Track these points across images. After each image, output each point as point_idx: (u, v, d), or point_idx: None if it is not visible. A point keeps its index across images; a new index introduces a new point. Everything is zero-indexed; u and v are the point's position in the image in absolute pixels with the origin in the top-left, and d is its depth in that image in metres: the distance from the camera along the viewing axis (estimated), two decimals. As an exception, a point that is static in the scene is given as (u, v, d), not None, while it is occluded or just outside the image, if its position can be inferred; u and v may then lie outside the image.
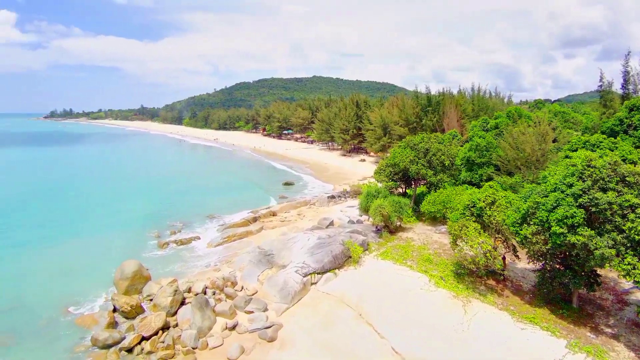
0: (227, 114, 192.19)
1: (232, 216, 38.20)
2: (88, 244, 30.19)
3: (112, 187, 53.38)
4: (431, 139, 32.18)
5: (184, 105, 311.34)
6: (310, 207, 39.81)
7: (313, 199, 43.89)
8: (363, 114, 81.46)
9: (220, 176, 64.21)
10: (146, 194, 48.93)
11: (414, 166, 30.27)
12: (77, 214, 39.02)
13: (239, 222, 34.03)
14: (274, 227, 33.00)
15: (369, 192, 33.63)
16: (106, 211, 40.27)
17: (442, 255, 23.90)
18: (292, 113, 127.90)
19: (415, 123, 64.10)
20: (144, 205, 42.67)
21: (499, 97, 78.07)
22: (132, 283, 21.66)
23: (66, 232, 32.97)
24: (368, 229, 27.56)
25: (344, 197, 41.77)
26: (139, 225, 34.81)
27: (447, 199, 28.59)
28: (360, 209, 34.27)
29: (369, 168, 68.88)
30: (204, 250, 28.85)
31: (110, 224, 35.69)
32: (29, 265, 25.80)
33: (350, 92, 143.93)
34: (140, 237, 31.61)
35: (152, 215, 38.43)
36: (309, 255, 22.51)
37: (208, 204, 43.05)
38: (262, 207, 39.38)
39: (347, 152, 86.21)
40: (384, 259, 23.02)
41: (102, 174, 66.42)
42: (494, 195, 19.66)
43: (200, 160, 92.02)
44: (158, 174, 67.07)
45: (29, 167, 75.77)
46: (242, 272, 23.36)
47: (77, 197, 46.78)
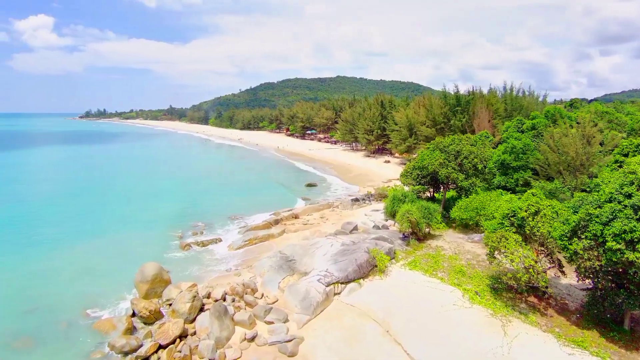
0: (251, 114, 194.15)
1: (254, 217, 37.67)
2: (112, 243, 30.35)
3: (139, 185, 54.37)
4: (462, 141, 30.26)
5: (210, 105, 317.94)
6: (334, 210, 38.65)
7: (336, 202, 42.70)
8: (388, 114, 79.45)
9: (244, 176, 64.28)
10: (171, 193, 49.41)
11: (444, 169, 28.50)
12: (105, 211, 39.68)
13: (260, 224, 33.36)
14: (296, 230, 32.09)
15: (395, 196, 32.10)
16: (132, 209, 40.76)
17: (476, 266, 22.14)
18: (316, 113, 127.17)
19: (443, 124, 61.61)
20: (169, 204, 42.93)
21: (533, 96, 73.98)
22: (152, 286, 21.27)
23: (92, 229, 33.42)
24: (394, 236, 26.10)
25: (368, 200, 40.35)
26: (163, 225, 34.83)
27: (480, 206, 26.68)
28: (386, 214, 32.78)
29: (394, 170, 66.95)
30: (225, 253, 28.30)
31: (135, 222, 35.95)
32: (54, 263, 26.08)
33: (374, 92, 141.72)
34: (163, 237, 31.52)
35: (176, 214, 38.49)
36: (332, 263, 21.37)
37: (230, 204, 42.84)
38: (285, 209, 38.59)
39: (371, 153, 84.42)
40: (413, 269, 21.53)
41: (130, 172, 68.03)
42: (537, 205, 17.80)
43: (225, 160, 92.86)
44: (184, 172, 67.99)
45: (61, 165, 78.81)
46: (262, 278, 22.54)
47: (105, 194, 47.82)
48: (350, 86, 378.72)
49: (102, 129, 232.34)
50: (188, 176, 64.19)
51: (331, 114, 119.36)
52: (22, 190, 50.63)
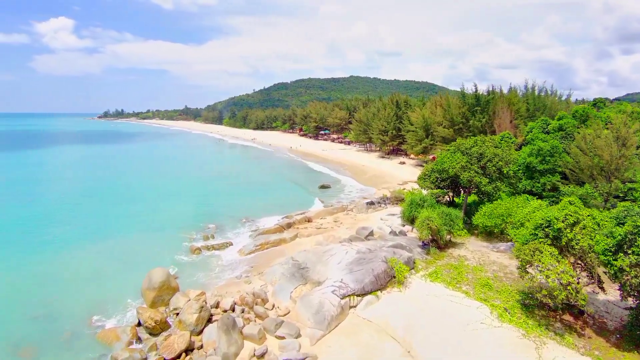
0: (264, 114, 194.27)
1: (266, 220, 36.71)
2: (122, 245, 29.80)
3: (152, 185, 54.19)
4: (485, 143, 28.51)
5: (224, 105, 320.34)
6: (348, 213, 37.32)
7: (351, 205, 41.36)
8: (403, 115, 77.55)
9: (256, 176, 63.56)
10: (184, 193, 48.98)
11: (466, 173, 26.84)
12: (116, 211, 39.34)
13: (272, 228, 32.31)
14: (309, 235, 30.91)
15: (412, 201, 30.57)
16: (144, 209, 40.34)
17: (504, 279, 20.50)
18: (329, 113, 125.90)
19: (462, 124, 59.50)
20: (180, 205, 42.42)
21: (556, 95, 70.92)
22: (159, 294, 20.40)
23: (103, 230, 32.99)
24: (413, 243, 24.62)
25: (384, 203, 38.85)
26: (174, 227, 34.19)
27: (506, 212, 24.95)
28: (403, 218, 31.28)
29: (410, 171, 65.12)
30: (236, 258, 27.33)
31: (147, 223, 35.43)
32: (61, 266, 25.58)
33: (387, 92, 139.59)
34: (174, 240, 30.81)
35: (188, 216, 37.85)
36: (347, 273, 20.08)
37: (242, 206, 42.03)
38: (297, 212, 37.47)
39: (385, 154, 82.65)
40: (434, 281, 20.05)
41: (144, 171, 68.15)
42: (576, 215, 16.11)
43: (237, 160, 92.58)
44: (196, 172, 67.74)
45: (75, 164, 79.72)
46: (273, 286, 21.43)
47: (118, 194, 47.66)
48: (364, 86, 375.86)
49: (119, 129, 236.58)
50: (200, 176, 63.88)
51: (345, 114, 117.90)
52: (35, 189, 51.03)
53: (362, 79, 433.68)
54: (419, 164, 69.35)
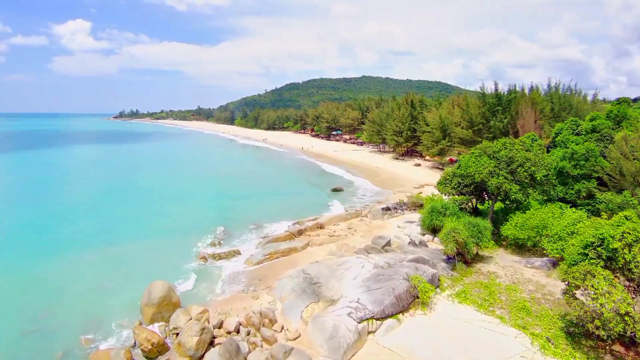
0: (276, 114, 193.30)
1: (276, 226, 34.99)
2: (125, 251, 28.42)
3: (160, 187, 53.04)
4: (515, 145, 26.06)
5: (236, 105, 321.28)
6: (362, 219, 35.24)
7: (365, 210, 39.26)
8: (418, 115, 74.93)
9: (266, 178, 61.95)
10: (191, 196, 47.65)
11: (495, 179, 24.47)
12: (122, 215, 38.14)
13: (282, 235, 30.50)
14: (321, 243, 28.97)
15: (433, 208, 28.32)
16: (150, 212, 39.07)
17: (542, 302, 18.15)
18: (341, 113, 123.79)
19: (481, 125, 56.67)
20: (188, 208, 41.05)
21: (580, 94, 67.27)
22: (158, 310, 18.78)
23: (107, 235, 31.72)
24: (436, 257, 22.41)
25: (401, 209, 36.63)
26: (181, 232, 32.77)
27: (541, 224, 22.50)
28: (423, 227, 29.05)
29: (426, 174, 62.57)
30: (243, 268, 25.59)
31: (152, 228, 34.08)
32: (60, 276, 24.24)
33: (400, 92, 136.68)
34: (179, 247, 29.31)
35: (195, 220, 36.41)
36: (365, 291, 18.05)
37: (251, 210, 40.43)
38: (309, 219, 35.57)
39: (400, 156, 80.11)
40: (463, 302, 17.86)
41: (152, 172, 67.19)
42: (636, 233, 13.74)
43: (248, 161, 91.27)
44: (205, 174, 66.52)
45: (84, 164, 79.58)
46: (283, 303, 19.57)
47: (124, 196, 46.57)
48: (376, 86, 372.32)
49: (133, 129, 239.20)
50: (209, 177, 62.61)
51: (357, 114, 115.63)
52: (40, 190, 50.36)
53: (374, 79, 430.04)
54: (435, 166, 66.71)
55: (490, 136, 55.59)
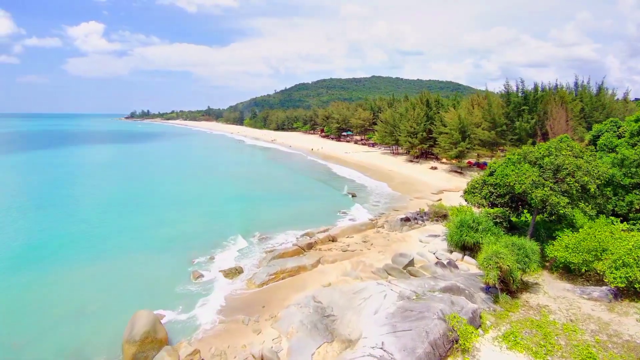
0: (285, 115, 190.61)
1: (283, 237, 31.84)
2: (115, 269, 25.48)
3: (160, 191, 50.20)
4: (563, 151, 22.28)
5: (245, 106, 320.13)
6: (379, 231, 31.76)
7: (381, 219, 35.79)
8: (435, 115, 70.98)
9: (274, 182, 58.78)
10: (193, 201, 44.70)
11: (540, 191, 20.75)
12: (117, 224, 35.31)
13: (289, 250, 27.22)
14: (333, 260, 25.60)
15: (463, 222, 24.69)
16: (148, 221, 36.18)
17: (609, 346, 14.46)
18: (352, 113, 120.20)
19: (505, 126, 52.58)
20: (188, 215, 38.09)
21: (608, 93, 62.59)
22: (141, 349, 15.64)
23: (98, 247, 28.91)
24: (472, 284, 18.81)
25: (421, 219, 33.02)
26: (178, 243, 29.81)
27: (599, 246, 18.74)
28: (450, 243, 25.43)
29: (443, 178, 58.67)
30: (244, 290, 22.38)
31: (148, 239, 31.18)
32: (38, 297, 21.39)
33: (410, 92, 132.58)
34: (175, 262, 26.32)
35: (195, 229, 33.46)
36: (390, 331, 14.61)
37: (257, 217, 37.30)
38: (319, 229, 32.25)
39: (414, 158, 76.22)
40: (513, 348, 14.27)
41: (154, 176, 64.31)
42: None
43: (256, 163, 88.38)
44: (210, 177, 63.64)
45: (86, 165, 77.56)
46: (289, 341, 16.28)
47: (122, 203, 43.69)
48: (386, 86, 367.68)
49: (142, 130, 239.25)
50: (213, 181, 59.67)
51: (368, 114, 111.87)
52: (34, 194, 47.92)
53: (384, 78, 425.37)
54: (453, 170, 62.71)
55: (515, 138, 51.59)
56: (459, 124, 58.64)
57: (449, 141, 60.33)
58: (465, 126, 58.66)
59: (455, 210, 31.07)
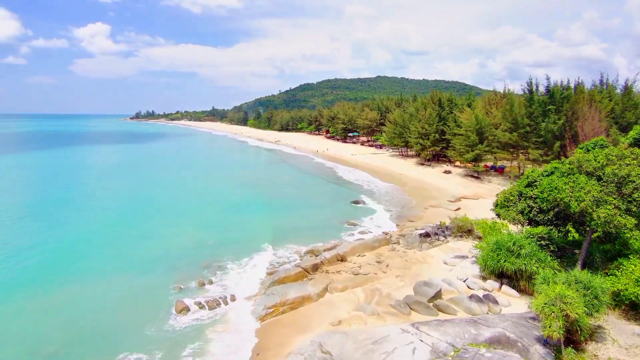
0: (289, 115, 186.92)
1: (285, 253, 28.06)
2: (84, 295, 21.75)
3: (150, 200, 45.70)
4: (627, 159, 18.08)
5: (250, 106, 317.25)
6: (394, 248, 27.67)
7: (395, 233, 31.73)
8: (448, 115, 66.66)
9: (276, 187, 54.79)
10: (188, 209, 40.90)
11: (603, 210, 16.57)
12: (98, 236, 31.58)
13: (292, 273, 23.24)
14: (343, 288, 21.58)
15: (499, 244, 20.55)
16: (135, 234, 32.48)
17: None
18: (359, 114, 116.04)
19: (529, 127, 48.17)
20: (181, 227, 34.31)
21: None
22: None
23: (69, 272, 25.04)
24: (524, 331, 14.67)
25: (442, 234, 28.88)
26: (164, 263, 26.06)
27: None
28: (483, 269, 21.26)
29: (459, 183, 54.40)
30: (236, 327, 18.44)
31: (130, 257, 27.41)
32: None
33: (416, 92, 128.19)
34: (157, 288, 22.49)
35: (187, 244, 29.67)
36: (426, 412, 10.55)
37: (256, 230, 33.41)
38: (326, 245, 28.23)
39: (425, 161, 71.92)
40: None
41: (145, 182, 59.36)
42: None
43: (257, 166, 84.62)
44: (207, 182, 59.56)
45: (79, 167, 74.16)
46: (289, 413, 12.27)
47: (106, 213, 39.82)
48: (391, 86, 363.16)
49: (143, 130, 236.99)
50: (211, 186, 55.69)
51: (376, 114, 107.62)
52: (17, 200, 44.40)
53: (389, 79, 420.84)
54: (469, 174, 58.37)
55: (540, 140, 47.21)
56: (476, 125, 54.29)
57: (464, 143, 56.00)
58: (482, 127, 54.32)
59: (484, 226, 26.90)
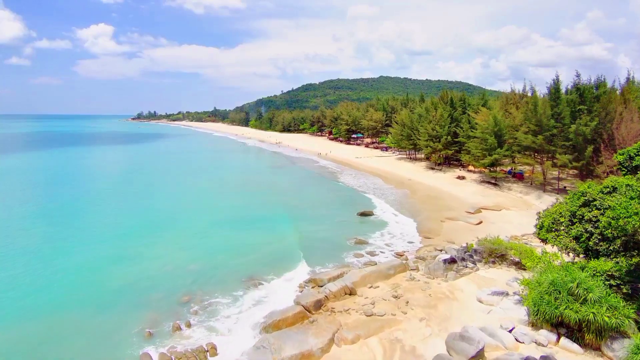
0: (291, 116, 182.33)
1: (280, 283, 23.49)
2: (32, 339, 17.21)
3: (129, 212, 40.58)
4: None
5: (252, 106, 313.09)
6: (413, 276, 22.97)
7: (412, 255, 27.10)
8: (461, 116, 61.86)
9: (273, 196, 49.57)
10: (172, 225, 35.89)
11: None
12: (62, 260, 27.01)
13: (289, 313, 18.63)
14: (354, 339, 16.88)
15: (556, 284, 15.81)
16: (102, 255, 27.82)
17: None
18: (363, 115, 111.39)
19: (555, 129, 43.29)
20: (160, 248, 29.74)
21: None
22: None
23: (19, 302, 20.60)
24: None
25: (470, 259, 24.14)
26: (135, 297, 21.57)
27: None
28: (535, 315, 16.47)
29: (476, 191, 49.56)
30: (213, 400, 13.82)
31: (93, 288, 22.86)
32: None
33: (419, 92, 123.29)
34: (122, 333, 17.97)
35: (164, 271, 25.15)
36: None
37: (246, 252, 28.48)
38: (330, 273, 23.49)
39: (435, 165, 67.10)
40: None
41: (128, 191, 53.04)
42: None
43: (254, 171, 79.61)
44: (199, 190, 53.92)
45: (63, 176, 69.92)
46: None
47: (80, 225, 35.33)
48: (394, 86, 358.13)
49: (143, 131, 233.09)
50: (201, 196, 50.15)
51: (381, 115, 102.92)
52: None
53: (392, 79, 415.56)
54: (485, 180, 53.54)
55: (568, 144, 42.34)
56: (495, 127, 49.46)
57: (481, 147, 51.18)
58: (501, 129, 49.50)
59: (524, 252, 22.11)
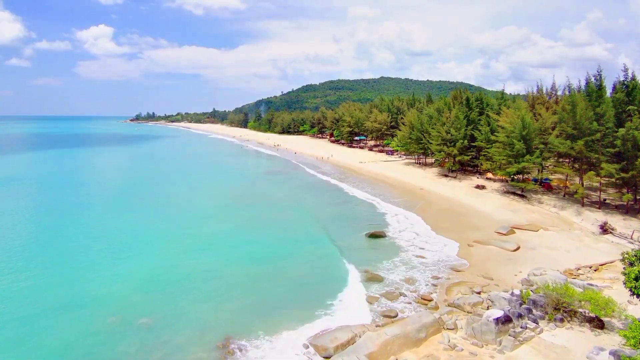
0: (291, 117, 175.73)
1: (268, 349, 16.88)
2: None
3: (94, 230, 34.35)
4: None
5: (251, 107, 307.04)
6: (451, 342, 16.42)
7: (440, 298, 20.59)
8: (479, 118, 55.30)
9: (266, 212, 41.39)
10: (131, 253, 28.45)
11: None
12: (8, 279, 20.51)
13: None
14: None
15: None
16: (51, 282, 21.41)
17: None
18: (366, 116, 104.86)
19: (599, 133, 36.66)
20: (115, 286, 23.14)
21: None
22: None
23: None
24: None
25: (531, 318, 17.52)
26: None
27: None
28: None
29: (502, 204, 42.96)
30: None
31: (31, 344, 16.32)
32: None
33: (420, 93, 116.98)
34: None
35: (115, 330, 18.57)
36: None
37: (227, 300, 21.76)
38: (339, 340, 16.85)
39: (449, 172, 60.47)
40: None
41: (100, 206, 46.29)
42: None
43: (246, 181, 72.76)
44: (173, 210, 43.55)
45: (38, 184, 63.40)
46: None
47: (33, 242, 28.92)
48: (394, 87, 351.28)
49: (141, 132, 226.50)
50: (174, 214, 40.95)
51: (386, 117, 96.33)
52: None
53: (392, 79, 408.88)
54: (508, 190, 46.93)
55: (613, 151, 35.77)
56: (523, 130, 42.87)
57: (506, 153, 44.59)
58: (530, 133, 42.94)
59: (606, 306, 15.54)
